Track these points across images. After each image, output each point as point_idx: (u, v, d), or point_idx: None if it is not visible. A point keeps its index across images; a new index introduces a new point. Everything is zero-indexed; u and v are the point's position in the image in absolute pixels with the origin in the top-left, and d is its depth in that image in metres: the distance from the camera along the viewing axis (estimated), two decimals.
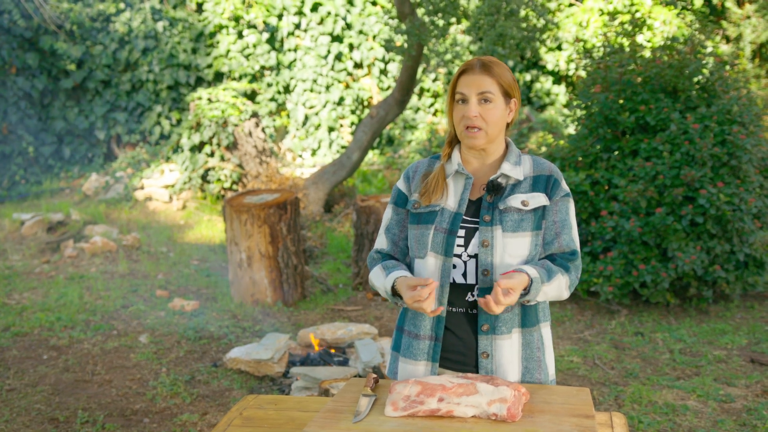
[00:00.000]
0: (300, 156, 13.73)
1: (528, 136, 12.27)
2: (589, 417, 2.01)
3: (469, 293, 2.33)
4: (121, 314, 6.39)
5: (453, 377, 2.11)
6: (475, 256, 2.31)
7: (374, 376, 2.31)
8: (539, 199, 2.33)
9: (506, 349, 2.32)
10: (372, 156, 13.32)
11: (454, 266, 2.33)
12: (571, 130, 9.04)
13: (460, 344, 2.35)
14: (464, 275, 2.33)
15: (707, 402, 4.45)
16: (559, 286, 2.33)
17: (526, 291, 2.24)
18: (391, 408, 2.05)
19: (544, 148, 7.15)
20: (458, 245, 2.32)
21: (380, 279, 2.42)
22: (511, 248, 2.29)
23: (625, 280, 5.95)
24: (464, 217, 2.34)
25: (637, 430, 4.10)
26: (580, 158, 6.51)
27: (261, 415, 2.38)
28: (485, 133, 2.31)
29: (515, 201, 2.32)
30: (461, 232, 2.33)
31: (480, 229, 2.31)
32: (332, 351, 5.20)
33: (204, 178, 10.90)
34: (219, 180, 10.75)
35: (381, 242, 2.52)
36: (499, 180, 2.34)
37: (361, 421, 2.03)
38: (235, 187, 10.74)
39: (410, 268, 2.45)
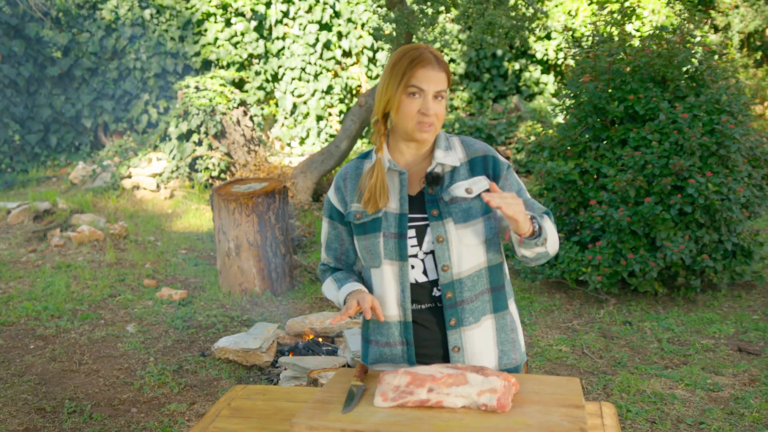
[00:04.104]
0: (288, 145, 13.68)
1: (517, 125, 12.27)
2: (579, 407, 2.00)
3: (435, 288, 2.29)
4: (108, 303, 6.36)
5: (443, 367, 2.10)
6: (432, 252, 2.27)
7: (363, 365, 2.30)
8: (482, 184, 2.29)
9: (477, 339, 2.29)
10: (361, 145, 13.29)
11: (413, 267, 2.28)
12: (560, 119, 9.04)
13: (430, 339, 2.32)
14: (425, 273, 2.29)
15: (695, 391, 4.47)
16: (552, 228, 2.27)
17: (537, 228, 2.17)
18: (380, 398, 2.04)
19: (533, 138, 7.14)
20: (412, 246, 2.27)
21: (332, 292, 2.40)
22: (466, 238, 2.26)
23: (613, 270, 5.96)
24: (410, 215, 2.29)
25: (626, 419, 4.12)
26: (569, 147, 6.50)
27: (249, 405, 2.37)
28: (435, 128, 2.27)
29: (458, 190, 2.27)
30: (411, 232, 2.27)
31: (431, 225, 2.26)
32: (320, 340, 5.19)
33: (192, 166, 10.85)
34: (207, 169, 10.70)
35: (325, 257, 2.50)
36: (436, 170, 2.30)
37: (350, 411, 2.02)
38: (223, 176, 10.70)
39: (362, 277, 2.42)
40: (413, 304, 2.31)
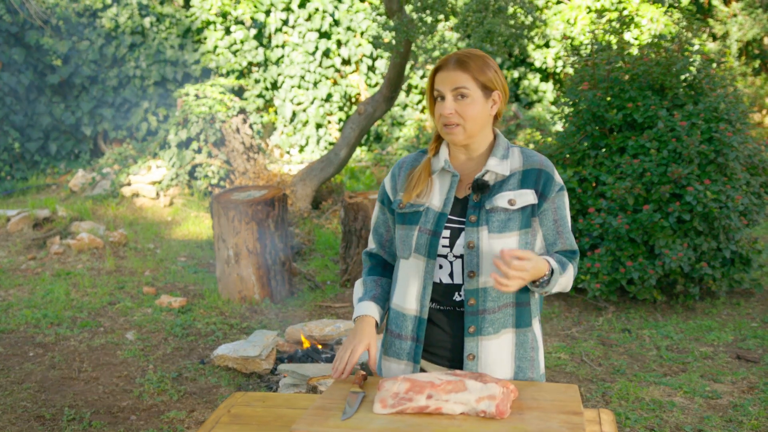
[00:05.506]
0: (287, 152, 13.70)
1: (516, 133, 12.29)
2: (578, 414, 2.01)
3: (456, 293, 2.30)
4: (107, 311, 6.36)
5: (442, 374, 2.11)
6: (461, 256, 2.27)
7: (362, 373, 2.31)
8: (527, 197, 2.27)
9: (493, 350, 2.28)
10: (360, 153, 13.31)
11: (441, 266, 2.29)
12: (559, 127, 9.07)
13: (447, 341, 2.32)
14: (451, 275, 2.29)
15: (694, 398, 4.47)
16: (569, 279, 2.31)
17: (545, 281, 2.21)
18: (379, 405, 2.05)
19: (531, 145, 7.16)
20: (444, 246, 2.28)
21: (356, 296, 2.45)
22: (497, 249, 2.23)
23: (612, 277, 5.97)
24: (450, 216, 2.29)
25: (624, 426, 4.12)
26: (568, 155, 6.52)
27: (249, 412, 2.38)
28: (463, 129, 2.25)
29: (502, 200, 2.26)
30: (446, 233, 2.28)
31: (466, 230, 2.26)
32: (320, 347, 5.19)
33: (191, 174, 10.86)
34: (206, 176, 10.72)
35: (371, 242, 2.53)
36: (485, 178, 2.29)
37: (350, 418, 2.03)
38: (222, 183, 10.71)
39: (397, 267, 2.44)
40: (433, 303, 2.32)
